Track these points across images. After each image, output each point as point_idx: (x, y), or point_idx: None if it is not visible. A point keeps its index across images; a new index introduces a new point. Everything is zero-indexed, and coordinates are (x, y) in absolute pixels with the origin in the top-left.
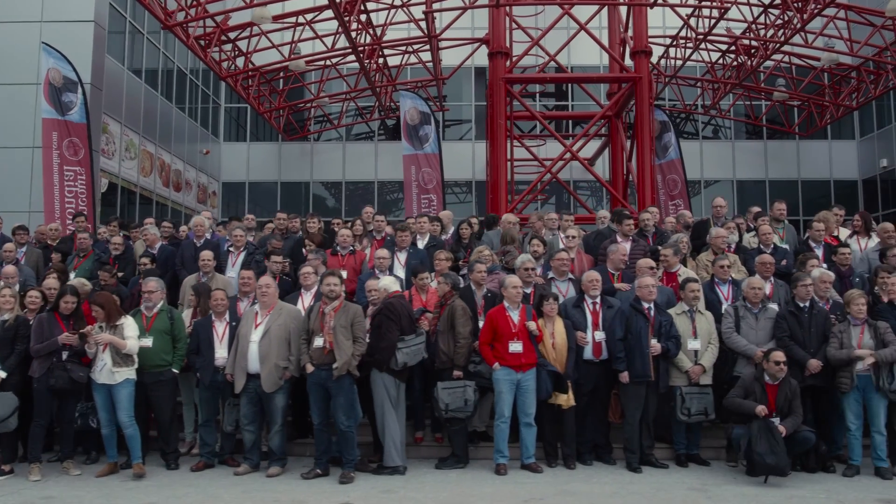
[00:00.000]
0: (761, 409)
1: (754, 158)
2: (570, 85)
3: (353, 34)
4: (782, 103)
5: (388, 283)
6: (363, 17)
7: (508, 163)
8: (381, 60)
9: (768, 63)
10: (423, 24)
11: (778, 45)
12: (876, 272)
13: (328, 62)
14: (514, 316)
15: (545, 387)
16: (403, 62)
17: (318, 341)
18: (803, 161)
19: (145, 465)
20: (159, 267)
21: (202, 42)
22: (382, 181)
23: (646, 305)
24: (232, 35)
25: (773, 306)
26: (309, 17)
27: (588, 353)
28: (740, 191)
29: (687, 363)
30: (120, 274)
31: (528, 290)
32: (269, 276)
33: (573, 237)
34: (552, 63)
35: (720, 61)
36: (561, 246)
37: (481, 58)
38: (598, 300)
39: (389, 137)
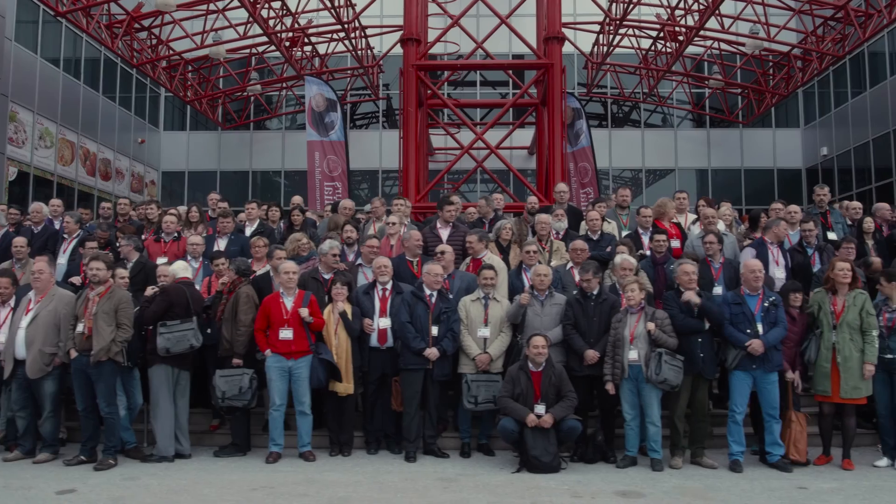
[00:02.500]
0: (531, 420)
1: (697, 147)
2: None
3: (272, 22)
4: (722, 90)
5: (178, 269)
6: (277, 4)
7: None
8: (308, 48)
9: (699, 50)
10: (345, 11)
11: (695, 30)
12: None
13: (254, 50)
14: (288, 302)
15: (317, 375)
16: (330, 50)
17: (80, 326)
18: (747, 150)
19: None
20: (0, 253)
21: (116, 29)
22: None
23: (427, 292)
24: (146, 24)
25: (560, 294)
26: (221, 4)
27: (374, 341)
28: (682, 180)
29: (475, 350)
30: None
31: (328, 276)
32: (44, 262)
33: (394, 223)
34: (473, 51)
35: (652, 48)
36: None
37: None
38: (388, 286)
39: None
